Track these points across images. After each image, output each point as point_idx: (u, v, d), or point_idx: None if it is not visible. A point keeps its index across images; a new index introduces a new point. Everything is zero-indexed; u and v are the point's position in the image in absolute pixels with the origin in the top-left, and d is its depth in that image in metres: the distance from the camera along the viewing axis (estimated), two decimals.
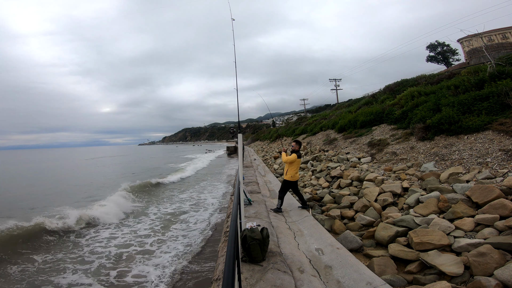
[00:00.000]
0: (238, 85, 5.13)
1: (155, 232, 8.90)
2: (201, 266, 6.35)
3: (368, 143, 11.49)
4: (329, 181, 9.48)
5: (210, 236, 8.29)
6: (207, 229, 8.94)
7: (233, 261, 1.55)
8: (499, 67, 9.51)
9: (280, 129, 41.24)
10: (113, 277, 6.02)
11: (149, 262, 6.67)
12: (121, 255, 7.15)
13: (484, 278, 3.29)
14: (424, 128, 9.14)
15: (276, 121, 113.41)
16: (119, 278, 6.00)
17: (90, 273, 6.24)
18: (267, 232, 3.66)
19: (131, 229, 9.26)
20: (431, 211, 5.17)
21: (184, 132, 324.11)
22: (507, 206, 4.38)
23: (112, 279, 5.95)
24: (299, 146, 6.26)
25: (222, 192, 15.40)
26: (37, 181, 23.71)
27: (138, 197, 14.16)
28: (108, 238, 8.53)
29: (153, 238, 8.34)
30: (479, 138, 7.33)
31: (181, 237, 8.29)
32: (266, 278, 3.09)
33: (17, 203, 14.22)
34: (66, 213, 10.01)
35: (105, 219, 10.20)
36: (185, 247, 7.50)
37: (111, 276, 6.08)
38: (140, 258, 6.93)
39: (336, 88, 42.86)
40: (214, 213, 10.97)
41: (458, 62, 33.26)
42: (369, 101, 18.32)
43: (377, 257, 4.32)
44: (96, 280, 5.87)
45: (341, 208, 6.84)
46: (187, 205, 12.51)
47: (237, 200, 3.55)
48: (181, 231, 8.92)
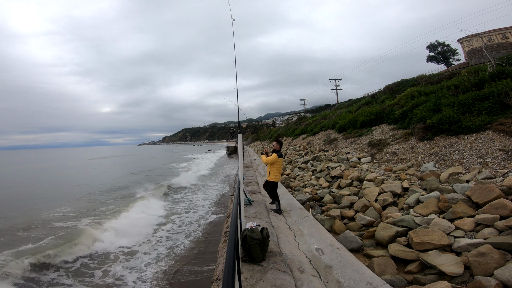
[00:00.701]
0: (238, 85, 5.13)
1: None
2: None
3: (368, 143, 11.49)
4: (329, 181, 9.48)
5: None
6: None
7: (233, 261, 1.55)
8: (499, 67, 9.51)
9: (280, 129, 41.24)
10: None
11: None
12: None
13: (484, 278, 3.29)
14: (424, 128, 9.14)
15: (276, 121, 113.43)
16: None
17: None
18: (267, 232, 3.66)
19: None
20: (431, 211, 5.17)
21: (184, 132, 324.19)
22: (507, 206, 4.38)
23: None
24: (279, 145, 6.08)
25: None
26: (72, 184, 22.26)
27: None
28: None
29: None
30: (479, 138, 7.33)
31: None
32: (266, 278, 3.09)
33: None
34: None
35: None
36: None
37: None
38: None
39: (336, 88, 42.86)
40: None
41: (458, 62, 33.26)
42: (369, 101, 18.32)
43: (377, 257, 4.32)
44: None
45: (341, 208, 6.84)
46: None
47: (237, 200, 3.55)
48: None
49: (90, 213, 11.73)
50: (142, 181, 20.64)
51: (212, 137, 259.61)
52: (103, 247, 7.96)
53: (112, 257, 7.46)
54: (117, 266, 6.78)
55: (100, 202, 14.24)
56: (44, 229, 9.60)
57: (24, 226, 9.98)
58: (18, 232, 9.37)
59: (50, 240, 8.34)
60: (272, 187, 6.16)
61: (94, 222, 10.05)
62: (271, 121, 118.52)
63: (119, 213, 11.23)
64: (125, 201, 13.95)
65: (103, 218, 10.71)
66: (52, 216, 11.40)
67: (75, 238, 8.20)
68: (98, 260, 7.28)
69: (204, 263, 6.60)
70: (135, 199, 13.88)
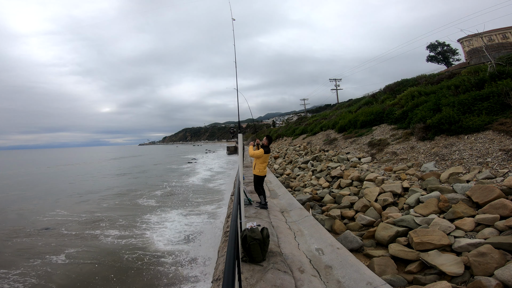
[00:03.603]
0: (238, 85, 5.13)
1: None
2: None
3: (368, 143, 11.49)
4: (329, 181, 9.48)
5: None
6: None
7: (233, 261, 1.55)
8: (499, 67, 9.50)
9: (280, 129, 41.17)
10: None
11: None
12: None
13: (484, 278, 3.29)
14: (424, 128, 9.14)
15: (276, 121, 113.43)
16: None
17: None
18: (267, 232, 3.66)
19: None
20: (431, 211, 5.17)
21: (184, 132, 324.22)
22: (508, 206, 4.37)
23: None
24: (268, 141, 6.16)
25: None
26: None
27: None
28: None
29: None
30: (480, 138, 7.32)
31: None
32: (266, 278, 3.09)
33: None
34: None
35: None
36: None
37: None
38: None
39: (336, 88, 42.81)
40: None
41: (458, 62, 33.21)
42: (369, 101, 18.31)
43: (377, 257, 4.32)
44: None
45: (341, 208, 6.84)
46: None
47: (237, 200, 3.55)
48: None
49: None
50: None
51: (212, 137, 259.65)
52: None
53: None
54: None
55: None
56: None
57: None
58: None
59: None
60: (256, 181, 6.20)
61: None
62: (271, 121, 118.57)
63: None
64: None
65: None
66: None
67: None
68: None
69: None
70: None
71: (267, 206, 6.29)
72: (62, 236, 9.30)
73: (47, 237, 9.20)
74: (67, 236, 9.22)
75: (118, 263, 7.01)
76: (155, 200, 14.19)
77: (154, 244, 8.06)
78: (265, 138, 6.23)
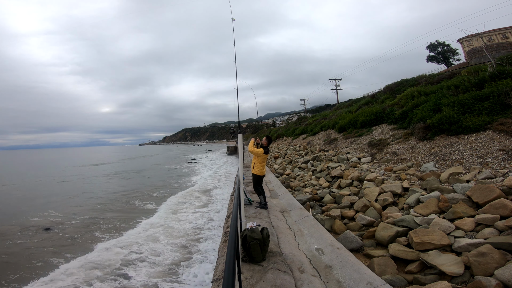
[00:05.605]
0: (238, 85, 5.13)
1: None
2: None
3: (368, 143, 11.49)
4: (329, 181, 9.48)
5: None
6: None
7: (233, 261, 1.55)
8: (499, 67, 9.50)
9: (280, 129, 41.16)
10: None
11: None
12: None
13: (484, 278, 3.29)
14: (424, 128, 9.14)
15: (276, 121, 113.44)
16: None
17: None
18: (267, 232, 3.66)
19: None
20: (431, 211, 5.17)
21: (184, 132, 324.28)
22: (508, 206, 4.37)
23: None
24: (268, 141, 6.21)
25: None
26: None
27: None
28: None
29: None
30: (480, 138, 7.32)
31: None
32: (266, 278, 3.08)
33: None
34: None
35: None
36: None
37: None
38: None
39: (336, 88, 42.80)
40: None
41: (458, 62, 33.21)
42: (369, 101, 18.32)
43: (377, 257, 4.32)
44: None
45: (341, 208, 6.84)
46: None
47: (237, 200, 3.55)
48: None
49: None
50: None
51: (212, 137, 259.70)
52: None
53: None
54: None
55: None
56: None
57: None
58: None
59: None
60: (255, 181, 6.22)
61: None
62: (271, 121, 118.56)
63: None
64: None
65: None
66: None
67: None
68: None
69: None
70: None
71: (267, 206, 6.30)
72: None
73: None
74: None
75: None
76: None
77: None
78: (264, 138, 6.24)
